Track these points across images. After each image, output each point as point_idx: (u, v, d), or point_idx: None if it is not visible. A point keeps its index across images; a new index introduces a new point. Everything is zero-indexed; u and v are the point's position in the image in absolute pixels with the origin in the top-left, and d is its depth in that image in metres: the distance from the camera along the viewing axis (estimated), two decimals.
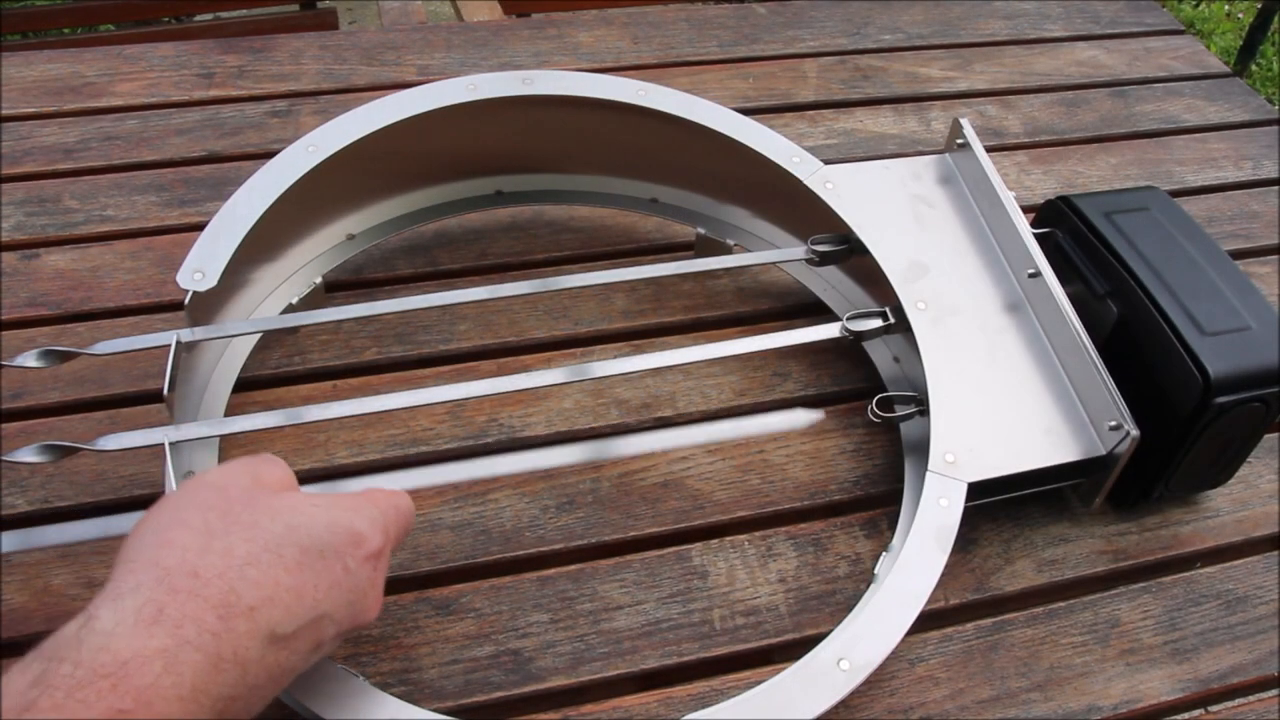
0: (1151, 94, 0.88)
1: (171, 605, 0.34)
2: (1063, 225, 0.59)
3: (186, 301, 0.52)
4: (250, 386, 0.59)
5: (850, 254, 0.61)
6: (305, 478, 0.44)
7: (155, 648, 0.32)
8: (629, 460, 0.57)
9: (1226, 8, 2.52)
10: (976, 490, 0.51)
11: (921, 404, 0.55)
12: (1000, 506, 0.56)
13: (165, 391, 0.50)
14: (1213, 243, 0.57)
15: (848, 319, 0.58)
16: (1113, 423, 0.51)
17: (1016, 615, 0.53)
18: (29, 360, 0.50)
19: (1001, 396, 0.54)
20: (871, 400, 0.55)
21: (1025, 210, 0.60)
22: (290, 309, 0.61)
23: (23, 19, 1.22)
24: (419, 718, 0.43)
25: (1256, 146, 0.84)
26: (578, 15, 0.92)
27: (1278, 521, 0.58)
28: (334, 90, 0.80)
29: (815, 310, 0.66)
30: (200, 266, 0.53)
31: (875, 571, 0.52)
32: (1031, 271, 0.57)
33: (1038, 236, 0.58)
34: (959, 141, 0.63)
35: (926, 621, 0.51)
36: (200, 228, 0.55)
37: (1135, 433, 0.50)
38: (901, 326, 0.57)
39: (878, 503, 0.57)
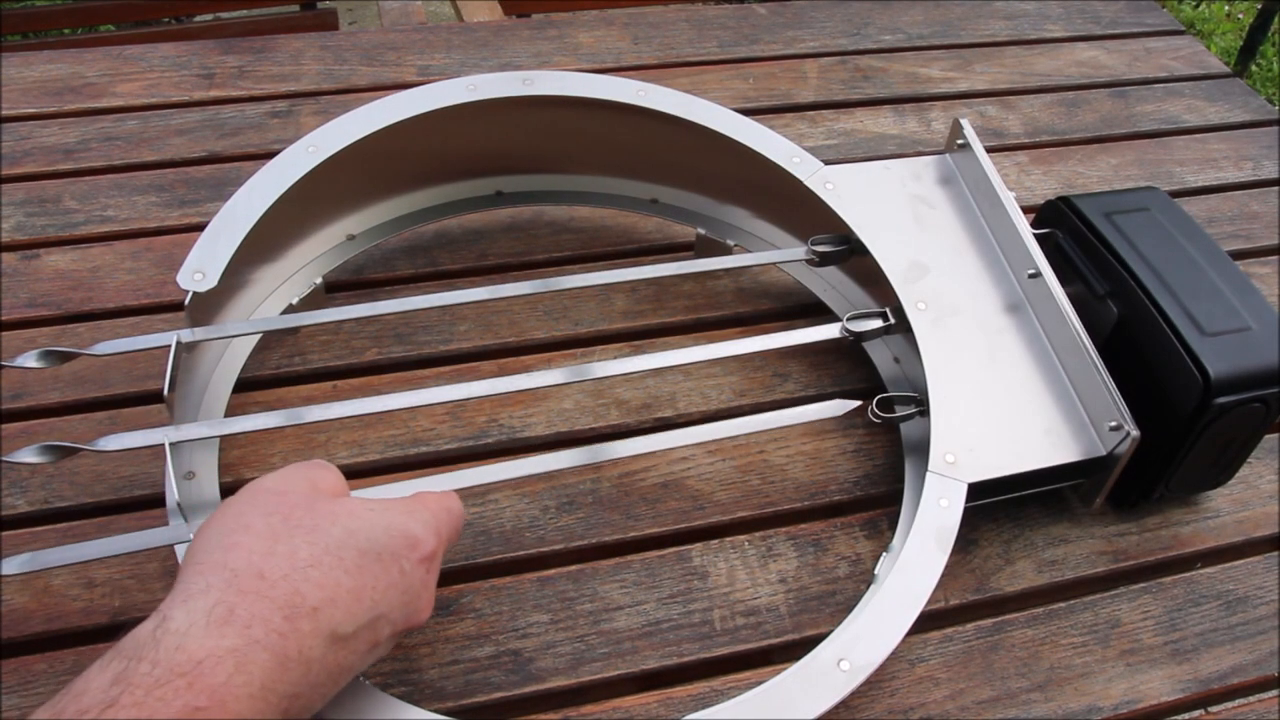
0: (1152, 94, 0.88)
1: (241, 606, 0.35)
2: (1063, 225, 0.59)
3: (187, 302, 0.52)
4: (250, 387, 0.59)
5: (850, 254, 0.61)
6: None
7: (227, 647, 0.34)
8: (630, 460, 0.57)
9: (1227, 8, 2.52)
10: (977, 491, 0.51)
11: (921, 404, 0.55)
12: (1000, 507, 0.56)
13: (165, 392, 0.50)
14: (1213, 243, 0.57)
15: (848, 319, 0.58)
16: (1113, 423, 0.51)
17: (1017, 616, 0.53)
18: (29, 361, 0.50)
19: (1002, 397, 0.54)
20: (872, 401, 0.55)
21: (1025, 210, 0.60)
22: (290, 309, 0.61)
23: (23, 19, 1.22)
24: (419, 718, 0.43)
25: (1257, 147, 0.84)
26: (578, 16, 0.92)
27: (1278, 522, 0.58)
28: (334, 91, 0.80)
29: (815, 311, 0.66)
30: (200, 267, 0.53)
31: (875, 572, 0.52)
32: (1032, 272, 0.57)
33: (1038, 237, 0.58)
34: (959, 142, 0.63)
35: (927, 622, 0.51)
36: (200, 228, 0.55)
37: (1135, 433, 0.50)
38: (902, 327, 0.57)
39: (878, 503, 0.57)
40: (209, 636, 0.34)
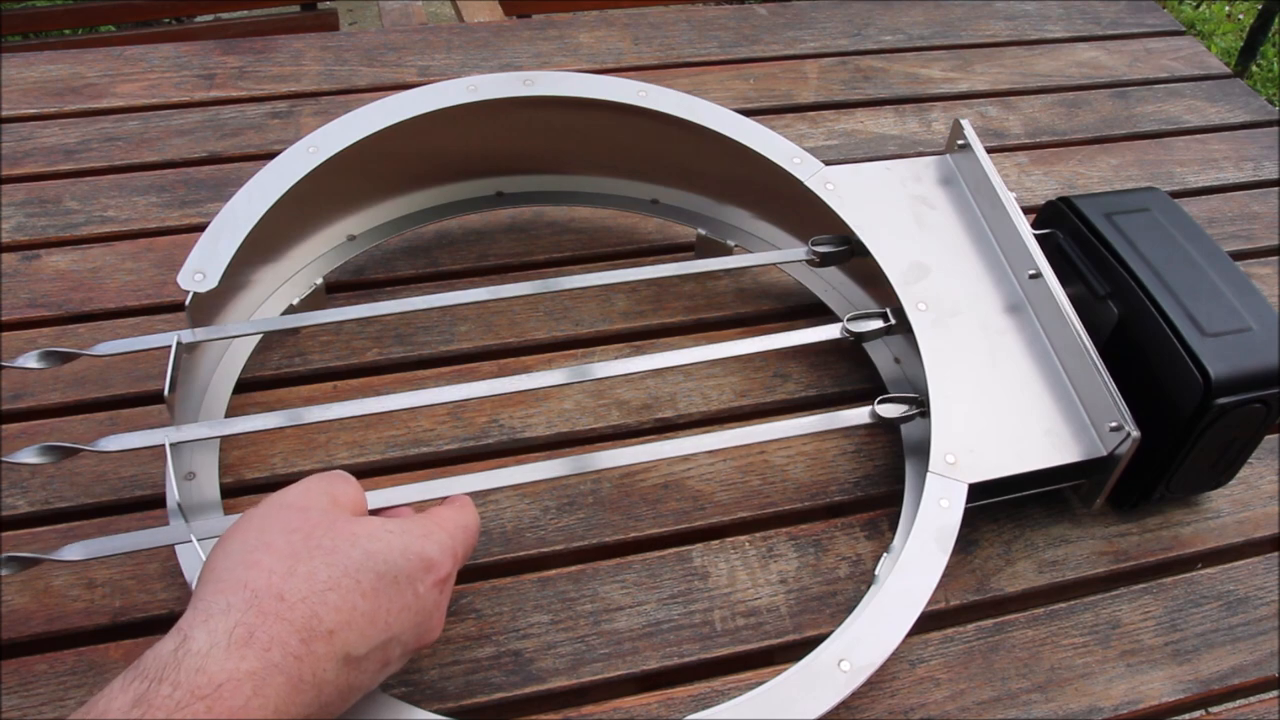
0: (1152, 95, 0.88)
1: (261, 628, 0.35)
2: (1063, 226, 0.59)
3: (187, 302, 0.52)
4: (251, 387, 0.59)
5: (851, 255, 0.61)
6: None
7: (246, 670, 0.34)
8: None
9: (1227, 9, 2.52)
10: (977, 491, 0.51)
11: (922, 405, 0.55)
12: (1001, 507, 0.56)
13: (166, 392, 0.50)
14: (1213, 244, 0.57)
15: (848, 320, 0.58)
16: (1113, 424, 0.51)
17: (1017, 616, 0.53)
18: (30, 361, 0.50)
19: (1002, 397, 0.54)
20: (872, 401, 0.55)
21: (1026, 211, 0.60)
22: (291, 310, 0.61)
23: (24, 20, 1.22)
24: (419, 718, 0.43)
25: (1257, 147, 0.84)
26: (578, 16, 0.92)
27: (1278, 523, 0.58)
28: (335, 91, 0.80)
29: (816, 311, 0.66)
30: (201, 267, 0.53)
31: (876, 572, 0.52)
32: (1032, 272, 0.57)
33: (1038, 237, 0.58)
34: (960, 142, 0.63)
35: (927, 622, 0.51)
36: (201, 229, 0.55)
37: (1136, 434, 0.50)
38: (902, 327, 0.57)
39: (878, 504, 0.57)
40: (229, 659, 0.34)
